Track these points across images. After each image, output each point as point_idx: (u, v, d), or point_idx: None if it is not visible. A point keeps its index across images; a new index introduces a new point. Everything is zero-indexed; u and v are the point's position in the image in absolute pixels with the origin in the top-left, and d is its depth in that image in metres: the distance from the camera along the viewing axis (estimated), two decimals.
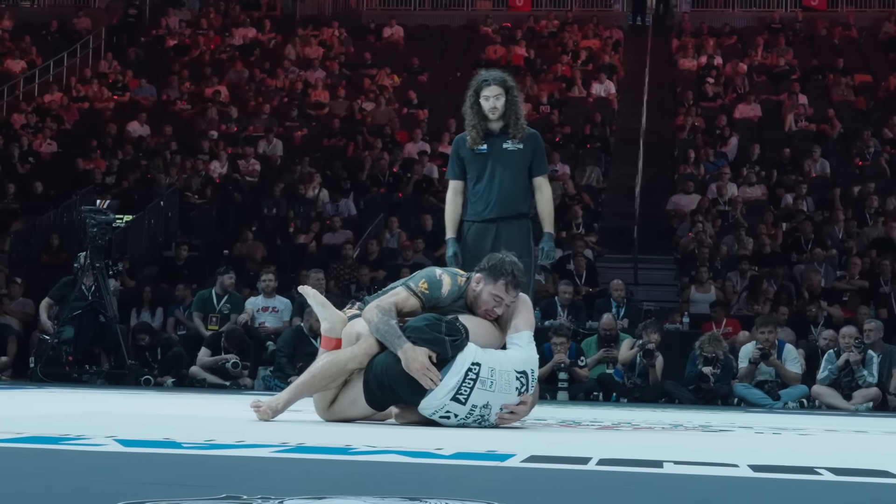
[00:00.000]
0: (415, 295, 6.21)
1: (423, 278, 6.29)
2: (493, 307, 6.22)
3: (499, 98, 8.01)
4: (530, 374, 6.16)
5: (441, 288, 6.26)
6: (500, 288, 6.20)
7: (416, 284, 6.25)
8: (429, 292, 6.22)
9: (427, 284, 6.25)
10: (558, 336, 13.60)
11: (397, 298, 6.22)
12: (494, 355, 6.09)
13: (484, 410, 6.00)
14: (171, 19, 30.11)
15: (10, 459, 3.83)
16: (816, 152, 21.47)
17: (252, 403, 6.17)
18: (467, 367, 5.95)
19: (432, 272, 6.37)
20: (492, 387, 5.99)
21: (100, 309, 13.87)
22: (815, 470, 4.14)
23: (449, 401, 5.94)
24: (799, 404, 13.08)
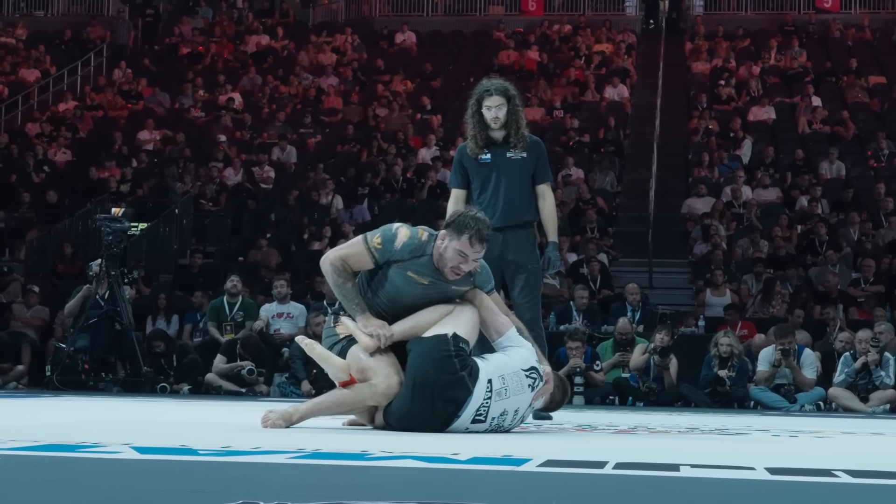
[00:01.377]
0: (368, 250, 6.07)
1: (380, 233, 6.11)
2: (459, 263, 6.04)
3: (500, 108, 8.01)
4: (538, 366, 6.14)
5: (394, 241, 6.06)
6: (464, 243, 6.00)
7: (371, 239, 6.09)
8: (381, 247, 6.05)
9: (380, 240, 6.06)
10: (574, 340, 13.60)
11: (350, 251, 6.12)
12: (500, 362, 6.06)
13: (501, 419, 5.98)
14: (185, 27, 30.20)
15: (26, 467, 3.84)
16: (833, 154, 21.43)
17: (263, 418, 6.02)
18: (484, 391, 5.91)
19: (390, 227, 6.19)
20: (506, 394, 5.97)
21: (115, 317, 13.89)
22: (832, 472, 4.12)
23: (470, 423, 5.92)
24: (815, 407, 13.05)
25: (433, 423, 5.88)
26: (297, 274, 17.10)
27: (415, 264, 6.09)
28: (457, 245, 6.02)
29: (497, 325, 6.20)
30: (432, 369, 5.88)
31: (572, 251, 18.05)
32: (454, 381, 5.86)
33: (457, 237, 6.03)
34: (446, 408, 5.86)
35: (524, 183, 8.15)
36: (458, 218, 6.10)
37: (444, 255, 6.06)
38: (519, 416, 6.09)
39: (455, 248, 6.02)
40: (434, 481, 3.72)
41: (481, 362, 6.01)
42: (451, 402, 5.86)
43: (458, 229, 6.03)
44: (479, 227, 6.05)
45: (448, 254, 6.04)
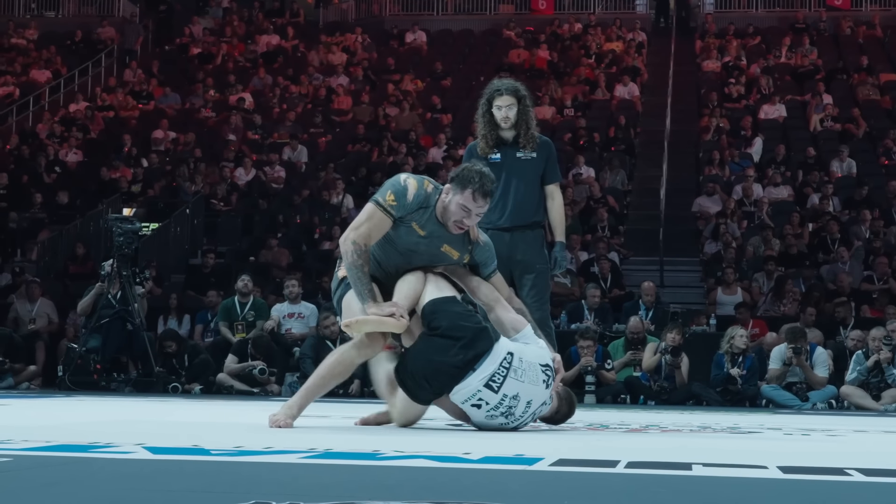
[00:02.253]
0: (384, 210, 6.03)
1: (389, 189, 6.06)
2: (462, 218, 6.07)
3: (511, 108, 8.01)
4: (552, 365, 6.14)
5: (407, 194, 6.05)
6: (467, 197, 6.04)
7: (384, 198, 6.04)
8: (396, 203, 6.03)
9: (393, 196, 6.03)
10: (585, 339, 13.60)
11: (370, 223, 6.04)
12: (523, 347, 6.05)
13: (513, 402, 5.92)
14: (196, 27, 30.23)
15: (39, 468, 3.84)
16: (844, 152, 21.40)
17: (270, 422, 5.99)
18: (503, 357, 5.89)
19: (397, 179, 6.15)
20: (522, 377, 5.93)
21: (127, 317, 13.91)
22: (844, 471, 4.12)
23: (483, 387, 5.86)
24: (828, 405, 13.04)
25: (449, 373, 5.88)
26: (308, 274, 17.12)
27: (418, 215, 6.12)
28: (460, 199, 6.06)
29: (513, 322, 6.21)
30: (460, 319, 5.92)
31: (583, 250, 18.04)
32: (479, 331, 5.91)
33: (460, 191, 6.07)
34: (465, 355, 5.85)
35: (533, 183, 8.15)
36: (463, 172, 6.12)
37: (448, 209, 6.10)
38: (530, 412, 6.03)
39: (458, 203, 6.06)
40: (446, 481, 3.72)
41: (506, 338, 6.04)
42: (471, 349, 5.86)
43: (462, 183, 6.06)
44: (483, 181, 6.08)
45: (452, 207, 6.08)
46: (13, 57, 28.33)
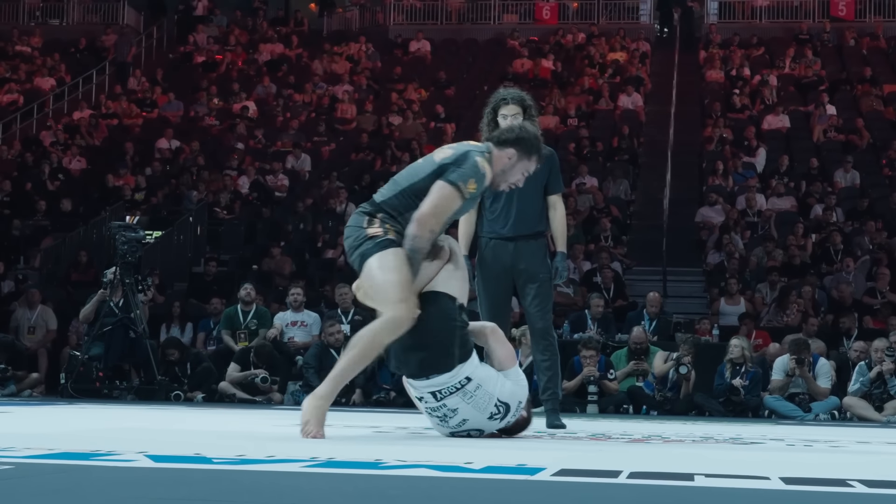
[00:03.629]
0: (462, 197, 6.02)
1: (472, 177, 6.01)
2: (519, 180, 6.30)
3: (516, 117, 8.01)
4: (514, 407, 6.18)
5: (484, 180, 6.10)
6: (532, 164, 6.28)
7: (466, 185, 5.98)
8: (475, 191, 6.07)
9: (475, 184, 6.03)
10: (588, 349, 13.58)
11: (448, 208, 6.01)
12: (488, 375, 6.13)
13: (450, 412, 6.08)
14: (199, 36, 30.25)
15: (40, 475, 3.84)
16: (848, 162, 21.40)
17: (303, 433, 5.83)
18: (460, 378, 6.01)
19: (476, 166, 6.04)
20: (469, 400, 6.05)
21: (129, 325, 13.92)
22: (847, 482, 4.11)
23: (427, 393, 6.06)
24: (830, 416, 13.02)
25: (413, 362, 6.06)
26: (312, 282, 17.12)
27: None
28: (526, 164, 6.27)
29: (502, 359, 6.29)
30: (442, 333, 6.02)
31: (586, 260, 18.04)
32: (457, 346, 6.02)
33: (527, 157, 6.26)
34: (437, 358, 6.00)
35: (537, 193, 8.15)
36: (526, 136, 6.28)
37: (507, 172, 6.25)
38: (464, 429, 6.17)
39: (523, 167, 6.28)
40: (448, 490, 3.72)
41: (475, 363, 6.12)
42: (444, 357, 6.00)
43: (528, 149, 6.26)
44: (542, 146, 6.40)
45: (514, 171, 6.26)
46: (17, 64, 28.36)
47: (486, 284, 8.13)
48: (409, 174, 6.18)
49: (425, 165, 6.16)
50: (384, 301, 5.91)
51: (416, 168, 6.20)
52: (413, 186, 6.08)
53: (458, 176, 5.99)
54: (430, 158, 6.17)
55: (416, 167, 6.21)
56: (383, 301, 5.92)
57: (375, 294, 5.95)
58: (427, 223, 5.95)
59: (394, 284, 5.89)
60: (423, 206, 5.96)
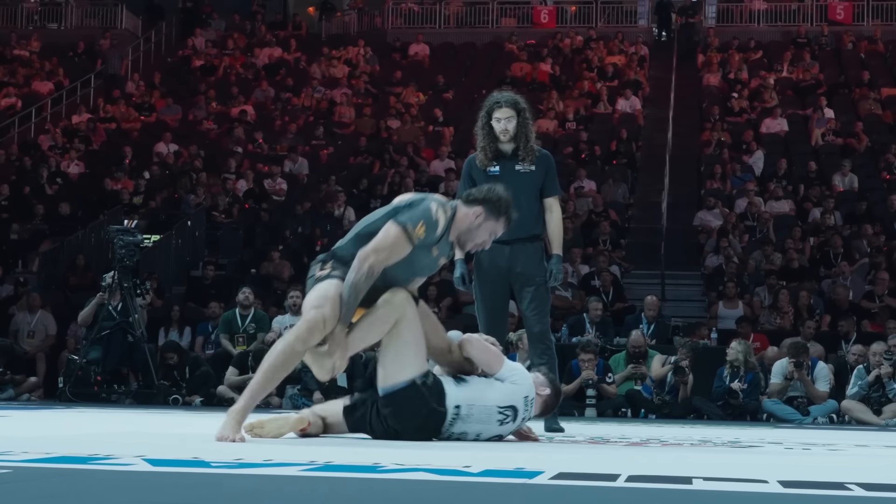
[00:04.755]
0: (410, 240, 5.95)
1: (422, 220, 5.95)
2: (485, 241, 6.23)
3: (510, 120, 8.02)
4: (521, 404, 6.20)
5: (437, 228, 6.02)
6: (500, 226, 6.21)
7: (414, 228, 5.93)
8: (425, 236, 5.98)
9: (424, 228, 5.95)
10: (586, 353, 13.59)
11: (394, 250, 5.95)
12: (475, 391, 6.15)
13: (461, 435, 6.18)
14: (198, 39, 30.25)
15: (38, 479, 3.84)
16: (846, 166, 21.41)
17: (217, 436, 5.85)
18: (451, 414, 6.09)
19: (429, 211, 6.00)
20: (471, 421, 6.13)
21: (128, 329, 13.91)
22: (845, 486, 4.11)
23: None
24: (829, 420, 13.03)
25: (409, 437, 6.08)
26: None
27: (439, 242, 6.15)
28: (493, 225, 6.19)
29: (486, 363, 6.25)
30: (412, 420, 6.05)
31: (585, 263, 18.04)
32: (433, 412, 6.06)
33: (494, 218, 6.18)
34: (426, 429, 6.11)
35: (533, 196, 8.15)
36: (494, 199, 6.18)
37: (473, 231, 6.18)
38: (482, 440, 6.21)
39: (490, 228, 6.19)
40: (446, 494, 3.71)
41: (453, 390, 6.12)
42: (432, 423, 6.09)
43: (497, 212, 6.17)
44: (511, 208, 6.24)
45: (481, 231, 6.19)
46: (15, 68, 28.35)
47: (483, 288, 8.13)
48: (365, 221, 6.20)
49: (382, 210, 6.20)
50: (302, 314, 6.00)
51: (373, 214, 6.22)
52: (366, 230, 6.10)
53: (408, 217, 5.96)
54: (389, 204, 6.22)
55: (374, 213, 6.22)
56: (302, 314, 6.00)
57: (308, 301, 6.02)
58: (367, 259, 5.91)
59: (311, 297, 5.99)
60: (369, 244, 5.97)
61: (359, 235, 6.09)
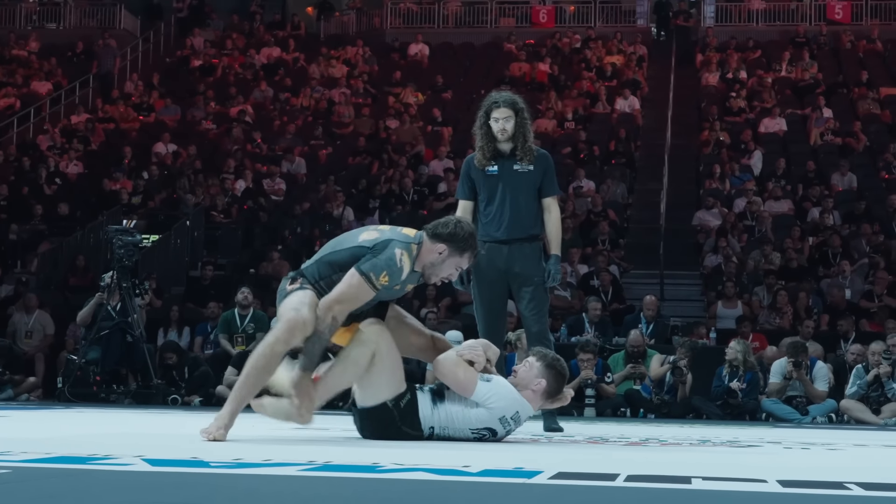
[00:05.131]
0: (374, 287, 5.98)
1: (385, 270, 5.97)
2: (451, 274, 6.26)
3: (508, 120, 8.02)
4: (498, 425, 6.18)
5: (402, 274, 6.04)
6: (464, 260, 6.22)
7: (378, 278, 5.95)
8: (388, 283, 6.01)
9: (388, 277, 5.98)
10: (585, 352, 13.59)
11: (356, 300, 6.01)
12: (449, 414, 6.16)
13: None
14: (196, 40, 30.24)
15: (38, 480, 3.84)
16: (845, 166, 21.41)
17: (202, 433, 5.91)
18: (427, 434, 6.17)
19: (392, 259, 6.00)
20: (448, 434, 6.20)
21: (127, 329, 13.91)
22: (844, 485, 4.12)
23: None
24: (828, 419, 13.03)
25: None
26: None
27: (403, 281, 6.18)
28: (457, 261, 6.20)
29: (459, 390, 6.18)
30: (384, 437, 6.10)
31: (584, 263, 18.04)
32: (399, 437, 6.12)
33: (458, 254, 6.19)
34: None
35: (531, 196, 8.15)
36: (460, 233, 6.18)
37: (437, 266, 6.20)
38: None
39: (454, 263, 6.20)
40: (445, 494, 3.72)
41: (429, 409, 6.15)
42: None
43: (461, 247, 6.17)
44: (476, 243, 6.29)
45: (445, 266, 6.21)
46: (14, 68, 28.33)
47: (482, 288, 8.13)
48: (331, 245, 6.28)
49: (348, 240, 6.23)
50: (279, 320, 6.06)
51: (340, 240, 6.28)
52: (330, 256, 6.18)
53: (371, 266, 5.98)
54: (356, 235, 6.24)
55: (340, 239, 6.29)
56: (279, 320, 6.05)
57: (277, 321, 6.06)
58: (331, 309, 5.98)
59: (289, 301, 6.07)
60: (331, 293, 6.02)
61: (321, 259, 6.20)
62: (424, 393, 6.19)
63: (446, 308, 16.32)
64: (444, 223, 6.27)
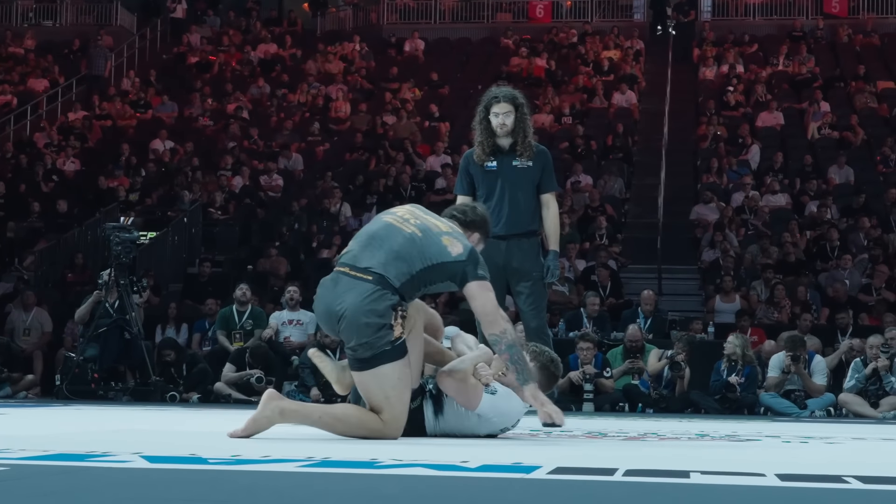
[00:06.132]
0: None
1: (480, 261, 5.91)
2: None
3: (508, 115, 8.02)
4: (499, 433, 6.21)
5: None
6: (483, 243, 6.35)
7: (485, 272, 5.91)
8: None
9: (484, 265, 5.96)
10: (585, 341, 13.59)
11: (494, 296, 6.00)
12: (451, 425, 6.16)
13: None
14: (193, 36, 30.22)
15: (36, 477, 3.84)
16: (842, 159, 21.42)
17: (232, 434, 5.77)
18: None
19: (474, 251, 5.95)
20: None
21: (125, 326, 13.91)
22: (842, 478, 4.11)
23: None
24: (826, 413, 13.03)
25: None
26: (307, 282, 17.10)
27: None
28: (481, 246, 6.28)
29: (463, 403, 6.10)
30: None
31: (582, 258, 18.04)
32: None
33: (485, 239, 6.38)
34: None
35: (530, 192, 8.16)
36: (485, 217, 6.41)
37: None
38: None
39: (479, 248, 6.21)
40: (444, 489, 3.71)
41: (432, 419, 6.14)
42: None
43: (487, 231, 6.43)
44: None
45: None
46: (11, 66, 28.33)
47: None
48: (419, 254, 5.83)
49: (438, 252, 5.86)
50: (388, 410, 5.76)
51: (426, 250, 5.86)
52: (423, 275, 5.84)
53: (477, 267, 5.86)
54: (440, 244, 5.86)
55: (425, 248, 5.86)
56: (387, 409, 5.76)
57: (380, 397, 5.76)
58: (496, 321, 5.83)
59: (402, 403, 5.80)
60: (485, 306, 5.84)
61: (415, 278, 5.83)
62: (428, 401, 6.15)
63: (444, 304, 16.31)
64: (462, 210, 6.34)
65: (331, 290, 5.89)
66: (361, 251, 5.89)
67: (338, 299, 5.80)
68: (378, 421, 5.77)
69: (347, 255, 5.98)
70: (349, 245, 6.09)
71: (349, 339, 5.77)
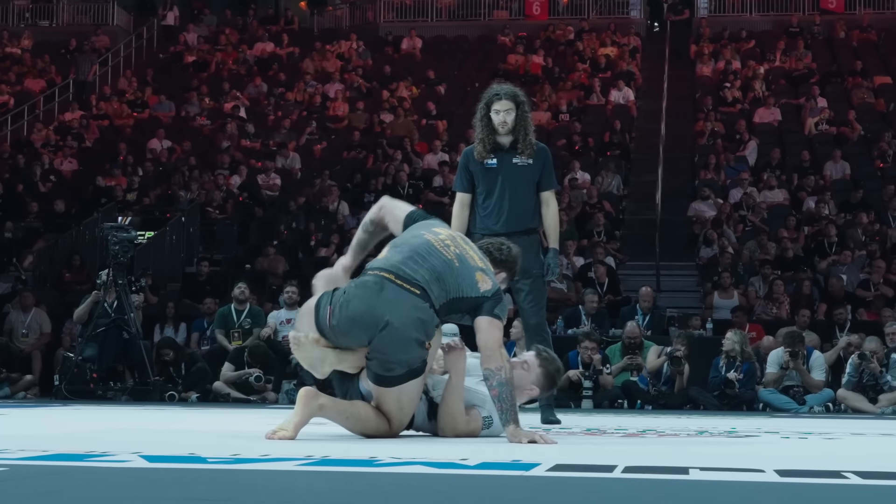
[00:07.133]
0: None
1: (503, 306, 5.86)
2: None
3: (509, 113, 8.01)
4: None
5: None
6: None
7: (504, 315, 5.86)
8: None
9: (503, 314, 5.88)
10: (589, 340, 13.59)
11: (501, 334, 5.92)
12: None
13: None
14: (190, 35, 30.21)
15: (35, 477, 3.84)
16: (839, 155, 21.42)
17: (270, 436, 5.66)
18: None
19: (501, 295, 5.90)
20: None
21: (123, 326, 13.90)
22: (841, 474, 4.12)
23: None
24: (825, 408, 13.03)
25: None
26: (305, 281, 17.08)
27: None
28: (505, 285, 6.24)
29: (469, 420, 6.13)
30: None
31: (580, 255, 18.04)
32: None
33: (511, 278, 6.35)
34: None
35: (530, 190, 8.16)
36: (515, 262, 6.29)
37: None
38: None
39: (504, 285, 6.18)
40: (443, 487, 3.72)
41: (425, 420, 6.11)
42: None
43: (515, 271, 6.33)
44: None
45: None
46: (7, 66, 28.31)
47: None
48: (454, 283, 5.79)
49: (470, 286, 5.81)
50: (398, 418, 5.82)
51: (461, 280, 5.82)
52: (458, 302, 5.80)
53: (495, 308, 5.78)
54: (473, 278, 5.82)
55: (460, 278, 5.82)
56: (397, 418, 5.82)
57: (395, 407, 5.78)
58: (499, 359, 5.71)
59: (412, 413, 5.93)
60: (488, 342, 5.74)
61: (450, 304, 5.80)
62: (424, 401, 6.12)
63: None
64: (498, 248, 6.27)
65: (376, 294, 5.70)
66: (403, 262, 5.79)
67: (385, 305, 5.66)
68: (387, 424, 5.83)
69: (385, 261, 5.85)
70: (385, 251, 5.95)
71: (385, 349, 5.66)
